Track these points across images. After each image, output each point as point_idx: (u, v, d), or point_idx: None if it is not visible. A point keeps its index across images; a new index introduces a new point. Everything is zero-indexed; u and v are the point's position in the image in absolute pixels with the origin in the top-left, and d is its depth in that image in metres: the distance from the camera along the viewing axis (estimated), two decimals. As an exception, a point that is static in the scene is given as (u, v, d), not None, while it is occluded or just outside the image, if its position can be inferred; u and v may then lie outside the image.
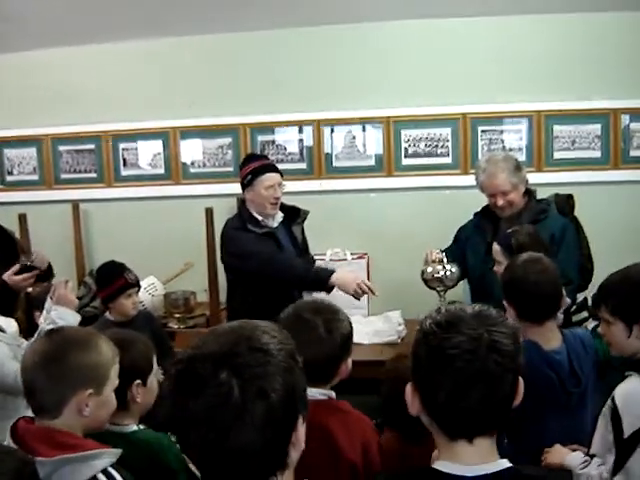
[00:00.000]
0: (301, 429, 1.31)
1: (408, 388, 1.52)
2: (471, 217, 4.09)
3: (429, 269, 3.92)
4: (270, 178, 3.83)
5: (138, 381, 2.31)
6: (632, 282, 2.29)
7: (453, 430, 1.47)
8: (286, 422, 1.27)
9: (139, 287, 3.85)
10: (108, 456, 1.84)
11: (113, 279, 3.67)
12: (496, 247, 3.36)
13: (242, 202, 3.98)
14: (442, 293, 3.92)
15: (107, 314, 3.74)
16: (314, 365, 1.74)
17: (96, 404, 1.95)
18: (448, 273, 3.87)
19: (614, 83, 4.67)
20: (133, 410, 2.32)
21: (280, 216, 3.97)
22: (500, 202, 3.73)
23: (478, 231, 3.91)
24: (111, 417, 2.12)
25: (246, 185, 3.88)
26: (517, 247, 3.19)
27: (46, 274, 3.58)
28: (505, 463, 1.48)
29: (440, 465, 1.48)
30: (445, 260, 3.85)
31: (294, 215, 4.03)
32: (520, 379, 1.50)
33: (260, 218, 3.88)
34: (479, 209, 4.02)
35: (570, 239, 3.71)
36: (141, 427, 2.34)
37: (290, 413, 1.28)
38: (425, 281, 3.95)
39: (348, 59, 4.89)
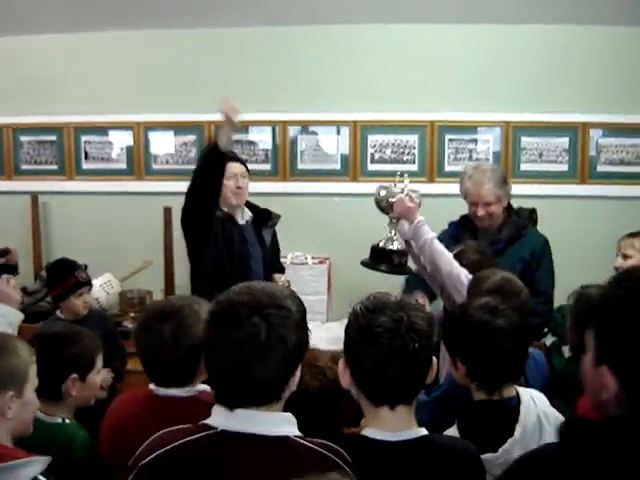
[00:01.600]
0: (297, 374, 1.65)
1: (340, 363, 1.78)
2: (436, 225, 4.02)
3: (383, 191, 3.48)
4: (232, 167, 3.77)
5: (74, 375, 2.35)
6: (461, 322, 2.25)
7: (377, 397, 1.73)
8: (293, 365, 1.62)
9: (91, 286, 3.78)
10: (37, 464, 1.80)
11: (64, 278, 3.61)
12: None
13: None
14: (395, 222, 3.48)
15: (58, 312, 3.67)
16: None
17: (19, 406, 1.95)
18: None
19: (584, 97, 4.66)
20: (67, 403, 2.38)
21: (249, 215, 3.91)
22: (481, 212, 3.68)
23: (454, 243, 3.72)
24: (43, 406, 2.17)
25: None
26: (472, 266, 3.09)
27: (10, 271, 3.59)
28: (423, 431, 1.76)
29: (367, 432, 1.75)
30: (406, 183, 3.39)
31: (264, 218, 3.97)
32: (434, 359, 1.77)
33: (225, 210, 3.81)
34: (455, 219, 3.96)
35: (549, 257, 3.71)
36: (67, 421, 2.35)
37: (297, 359, 1.62)
38: (379, 205, 3.55)
39: (317, 60, 4.83)
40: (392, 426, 1.73)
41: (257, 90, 4.81)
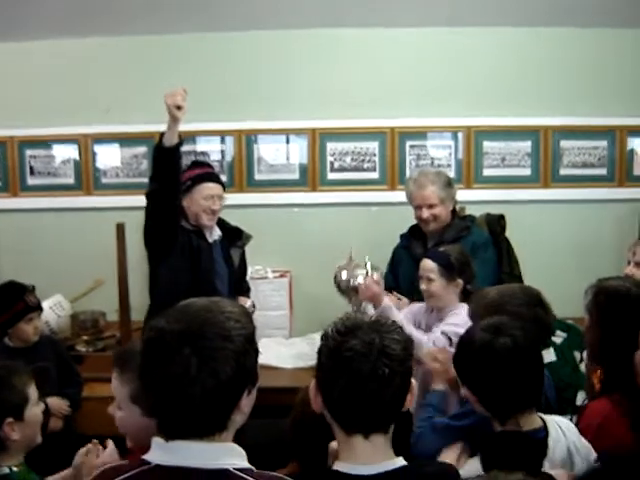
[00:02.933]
0: (246, 399, 1.51)
1: (312, 385, 1.68)
2: (398, 234, 3.94)
3: (344, 273, 3.66)
4: (210, 188, 3.65)
5: (10, 419, 2.20)
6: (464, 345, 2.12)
7: (348, 424, 1.63)
8: (233, 395, 1.48)
9: (41, 310, 3.57)
10: None
11: (12, 303, 3.40)
12: (430, 264, 3.24)
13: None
14: (358, 306, 3.63)
15: (6, 340, 3.45)
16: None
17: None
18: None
19: (545, 100, 4.61)
20: (12, 449, 2.24)
21: (218, 234, 3.77)
22: (425, 214, 3.72)
23: (407, 253, 3.82)
24: None
25: (184, 191, 3.65)
26: (458, 266, 3.20)
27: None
28: (400, 461, 1.64)
29: (339, 466, 1.63)
30: (369, 267, 3.51)
31: (234, 237, 3.84)
32: (413, 382, 1.67)
33: (190, 229, 3.68)
34: (406, 230, 3.91)
35: (489, 254, 3.74)
36: (14, 469, 2.21)
37: (236, 389, 1.48)
38: (339, 288, 3.74)
39: (273, 66, 4.68)
40: (366, 457, 1.62)
41: (211, 98, 4.63)
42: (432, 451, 2.19)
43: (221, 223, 3.81)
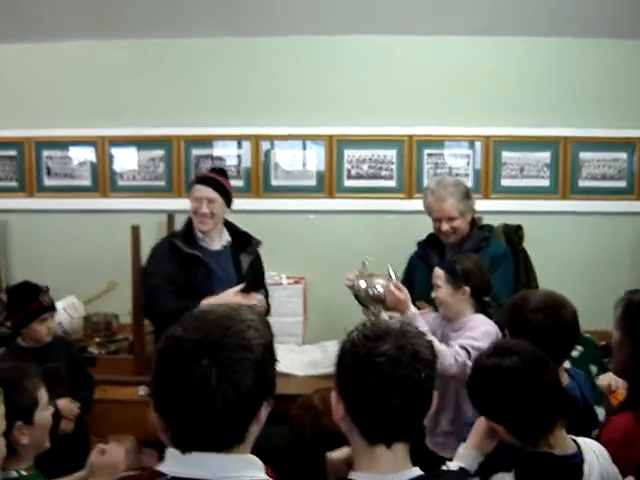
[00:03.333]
0: (264, 410, 1.48)
1: (333, 396, 1.63)
2: (414, 243, 3.91)
3: (362, 282, 3.60)
4: (197, 190, 3.60)
5: (19, 423, 2.17)
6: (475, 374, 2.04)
7: (374, 433, 1.58)
8: (252, 407, 1.44)
9: (55, 311, 3.56)
10: None
11: (26, 303, 3.38)
12: (439, 271, 3.24)
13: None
14: (377, 315, 3.52)
15: (19, 340, 3.44)
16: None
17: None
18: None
19: (566, 111, 4.57)
20: (23, 453, 2.21)
21: (227, 239, 3.73)
22: (445, 227, 3.65)
23: (424, 261, 3.76)
24: (3, 463, 2.06)
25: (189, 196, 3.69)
26: (463, 273, 3.15)
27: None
28: (417, 471, 1.60)
29: (356, 476, 1.59)
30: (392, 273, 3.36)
31: (244, 243, 3.78)
32: (435, 392, 1.63)
33: (200, 236, 3.65)
34: (423, 237, 3.87)
35: (509, 265, 3.68)
36: (23, 473, 2.19)
37: (255, 400, 1.44)
38: (358, 297, 3.65)
39: (291, 72, 4.66)
40: (387, 467, 1.57)
41: (228, 103, 4.66)
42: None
43: (231, 228, 3.77)
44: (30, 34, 4.62)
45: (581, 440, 2.00)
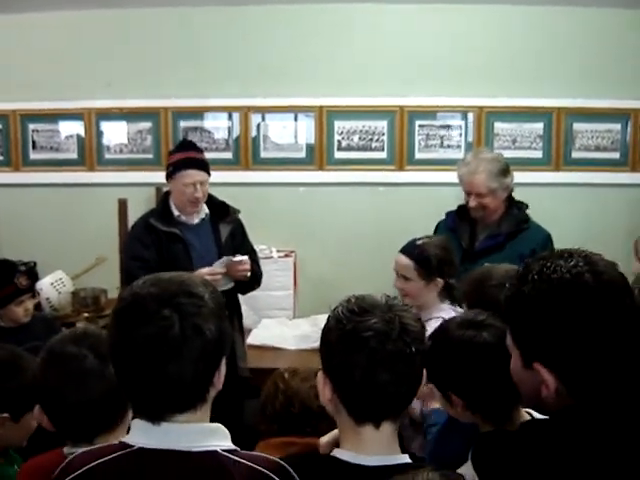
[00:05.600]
0: (222, 370, 1.48)
1: (319, 376, 1.58)
2: (406, 215, 3.85)
3: None
4: (189, 175, 3.52)
5: (5, 415, 2.01)
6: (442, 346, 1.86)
7: (362, 412, 1.53)
8: (214, 359, 1.44)
9: (33, 292, 3.50)
10: None
11: (2, 285, 3.31)
12: (405, 260, 2.93)
13: (167, 191, 3.71)
14: None
15: None
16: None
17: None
18: None
19: (559, 81, 4.51)
20: None
21: (205, 212, 3.68)
22: (472, 203, 3.53)
23: (452, 235, 3.55)
24: None
25: (168, 176, 3.61)
26: (438, 265, 2.89)
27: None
28: (405, 458, 1.55)
29: (339, 453, 1.55)
30: None
31: (222, 213, 3.72)
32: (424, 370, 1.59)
33: (177, 213, 3.62)
34: (454, 207, 3.73)
35: None
36: None
37: (218, 352, 1.45)
38: None
39: (282, 42, 4.59)
40: (372, 448, 1.53)
41: (218, 74, 4.59)
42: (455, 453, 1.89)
43: (209, 199, 3.69)
44: (15, 4, 4.52)
45: (534, 412, 1.84)
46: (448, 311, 2.84)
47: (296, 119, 4.68)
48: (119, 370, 1.45)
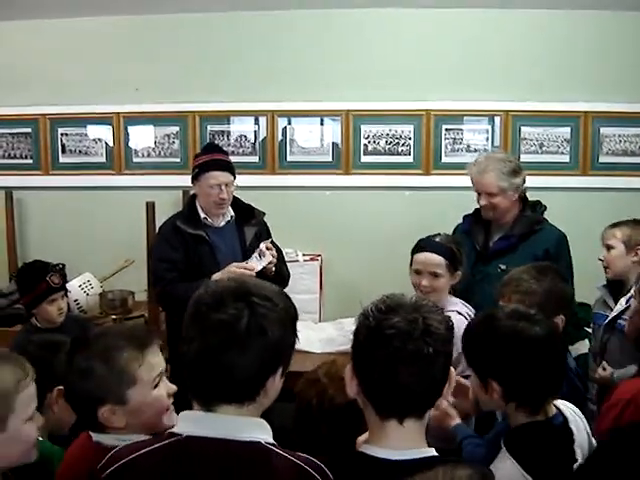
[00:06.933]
0: (277, 380, 1.53)
1: (347, 370, 1.62)
2: (431, 219, 3.84)
3: None
4: (214, 177, 3.56)
5: (61, 387, 1.98)
6: (490, 334, 1.94)
7: (386, 407, 1.56)
8: (270, 363, 1.50)
9: (65, 291, 3.53)
10: None
11: (34, 283, 3.37)
12: (438, 258, 3.02)
13: (193, 194, 3.74)
14: None
15: (33, 319, 3.44)
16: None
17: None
18: None
19: (586, 85, 4.48)
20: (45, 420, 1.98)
21: (230, 214, 3.71)
22: (482, 202, 3.53)
23: (467, 237, 3.60)
24: None
25: (193, 178, 3.65)
26: (460, 258, 3.08)
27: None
28: (431, 451, 1.57)
29: (366, 448, 1.58)
30: None
31: (248, 215, 3.75)
32: (452, 369, 1.62)
33: (203, 215, 3.65)
34: (457, 213, 3.77)
35: (565, 255, 3.53)
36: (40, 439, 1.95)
37: (276, 357, 1.51)
38: None
39: (308, 47, 4.61)
40: (398, 443, 1.55)
41: (244, 78, 4.62)
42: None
43: (234, 202, 3.73)
44: (45, 10, 4.57)
45: (559, 402, 2.00)
46: (459, 304, 3.03)
47: (322, 123, 4.69)
48: (186, 352, 1.51)
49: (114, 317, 4.30)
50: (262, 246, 3.51)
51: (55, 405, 2.06)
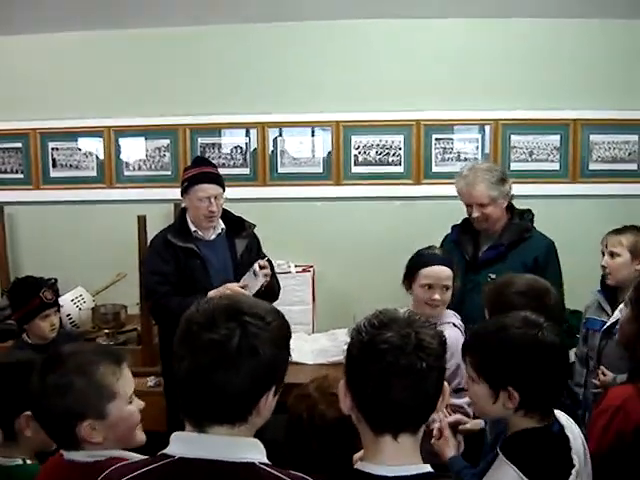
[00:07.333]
0: (270, 399, 1.51)
1: (341, 385, 1.60)
2: (422, 229, 3.86)
3: None
4: (203, 189, 3.58)
5: (28, 413, 1.96)
6: (507, 342, 1.94)
7: (379, 423, 1.55)
8: (264, 383, 1.49)
9: (58, 306, 3.53)
10: None
11: (28, 299, 3.36)
12: (448, 270, 3.09)
13: (183, 208, 3.75)
14: None
15: (24, 336, 3.43)
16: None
17: None
18: None
19: (575, 93, 4.51)
20: (23, 444, 2.04)
21: (221, 227, 3.72)
22: (475, 214, 3.54)
23: (456, 247, 3.63)
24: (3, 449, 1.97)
25: (183, 192, 3.66)
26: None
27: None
28: (427, 467, 1.55)
29: (362, 465, 1.57)
30: None
31: (238, 228, 3.75)
32: (445, 385, 1.60)
33: (193, 228, 3.67)
34: (446, 223, 3.79)
35: (555, 263, 3.54)
36: (28, 462, 2.03)
37: (269, 377, 1.49)
38: None
39: (298, 59, 4.62)
40: (392, 459, 1.53)
41: (235, 90, 4.63)
42: None
43: (224, 215, 3.74)
44: (34, 25, 4.58)
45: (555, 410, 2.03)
46: (453, 317, 3.10)
47: (313, 134, 4.70)
48: (177, 371, 1.50)
49: (107, 331, 4.28)
50: (256, 266, 3.51)
51: (27, 429, 2.01)
